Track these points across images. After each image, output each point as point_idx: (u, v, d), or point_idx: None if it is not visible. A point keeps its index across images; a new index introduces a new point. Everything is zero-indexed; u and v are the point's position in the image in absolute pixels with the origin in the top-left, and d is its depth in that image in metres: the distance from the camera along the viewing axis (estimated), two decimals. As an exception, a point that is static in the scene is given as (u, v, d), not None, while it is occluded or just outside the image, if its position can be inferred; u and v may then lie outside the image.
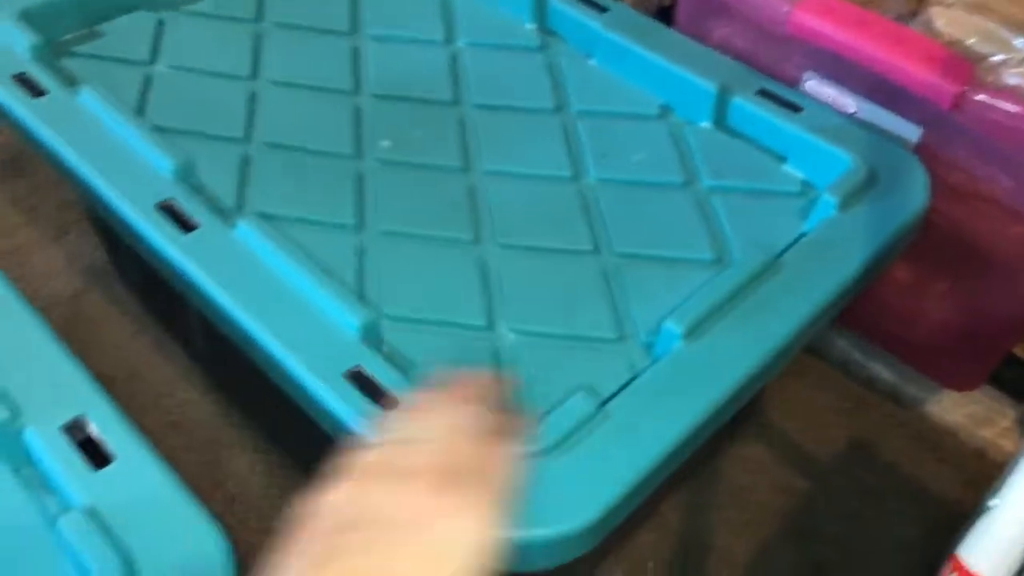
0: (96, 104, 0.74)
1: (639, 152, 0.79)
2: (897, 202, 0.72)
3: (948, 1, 0.78)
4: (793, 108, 0.79)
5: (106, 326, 1.00)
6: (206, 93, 0.81)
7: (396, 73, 0.86)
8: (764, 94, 0.80)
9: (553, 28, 0.91)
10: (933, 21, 0.76)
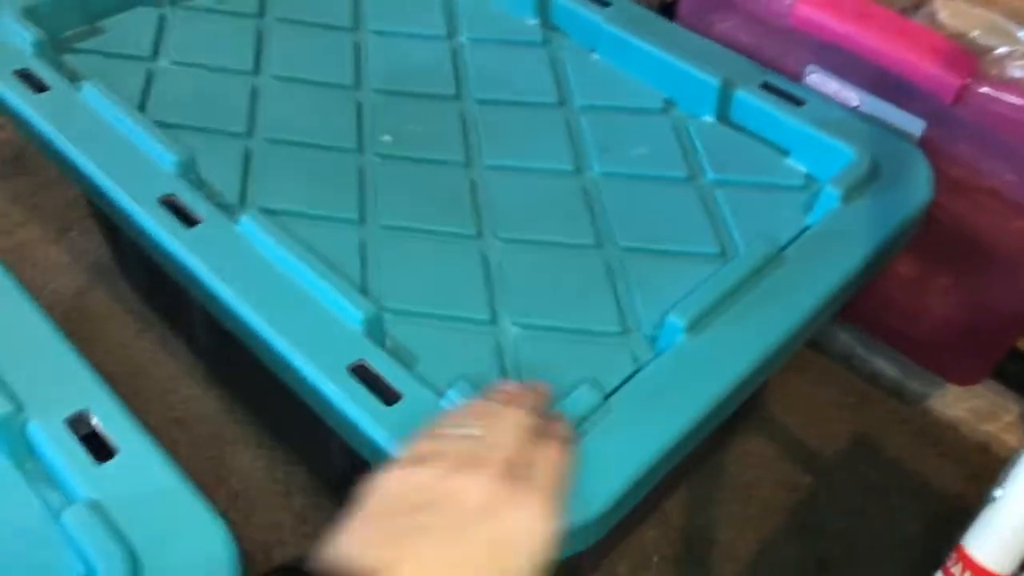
0: (98, 100, 0.74)
1: (642, 146, 0.79)
2: (900, 195, 0.72)
3: (951, -6, 0.78)
4: (796, 101, 0.79)
5: (110, 324, 1.00)
6: (208, 88, 0.81)
7: (398, 68, 0.86)
8: (767, 88, 0.80)
9: (555, 23, 0.91)
10: (937, 13, 0.76)
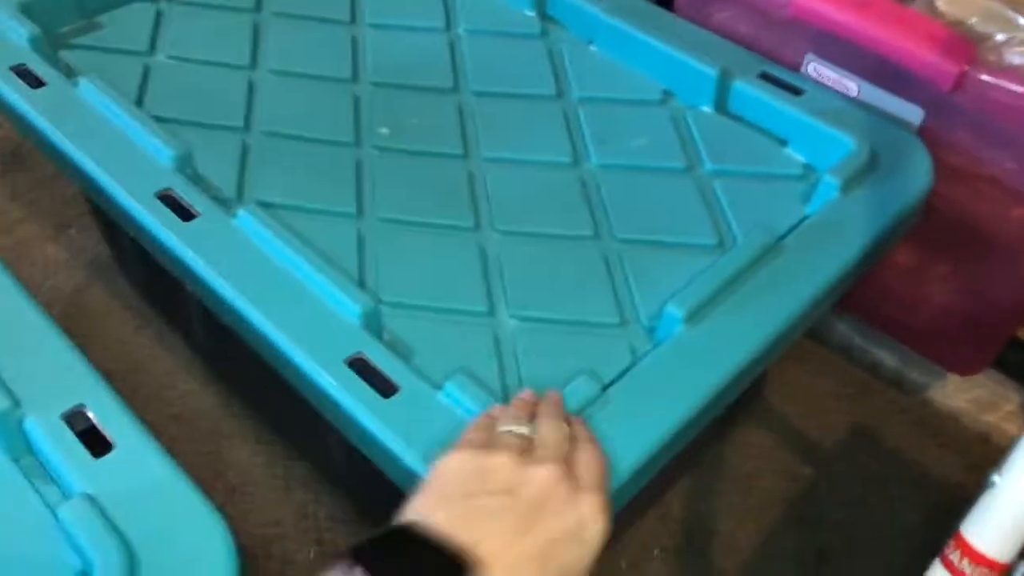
0: (95, 95, 0.73)
1: (640, 137, 0.79)
2: (899, 184, 0.72)
3: (949, -18, 0.78)
4: (794, 91, 0.79)
5: (108, 320, 1.00)
6: (205, 83, 0.81)
7: (395, 61, 0.86)
8: (765, 78, 0.80)
9: (553, 15, 0.91)
10: (935, 1, 0.76)
